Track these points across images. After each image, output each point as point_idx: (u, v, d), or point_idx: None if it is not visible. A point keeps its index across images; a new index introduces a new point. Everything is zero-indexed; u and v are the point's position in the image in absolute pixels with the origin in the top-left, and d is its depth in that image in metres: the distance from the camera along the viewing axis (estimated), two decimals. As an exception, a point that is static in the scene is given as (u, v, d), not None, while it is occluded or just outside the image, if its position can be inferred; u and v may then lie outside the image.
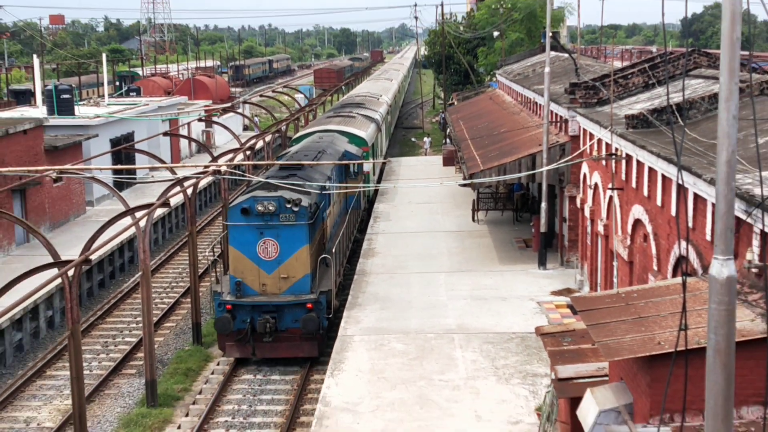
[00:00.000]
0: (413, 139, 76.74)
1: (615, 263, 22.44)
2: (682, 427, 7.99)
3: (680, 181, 12.57)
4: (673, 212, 16.98)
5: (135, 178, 41.83)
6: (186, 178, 25.64)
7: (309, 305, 23.87)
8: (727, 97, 6.75)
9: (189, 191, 26.64)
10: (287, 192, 24.10)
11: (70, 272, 16.37)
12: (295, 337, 24.23)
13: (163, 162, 32.32)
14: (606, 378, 14.39)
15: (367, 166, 40.09)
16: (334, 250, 26.82)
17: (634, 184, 20.31)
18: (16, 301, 12.37)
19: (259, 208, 23.46)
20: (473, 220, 38.42)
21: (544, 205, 30.35)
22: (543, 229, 30.33)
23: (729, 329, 6.18)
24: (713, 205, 14.61)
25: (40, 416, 22.47)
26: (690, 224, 15.86)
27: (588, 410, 12.68)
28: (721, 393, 6.20)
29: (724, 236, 6.25)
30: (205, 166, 25.25)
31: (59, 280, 25.84)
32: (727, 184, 6.46)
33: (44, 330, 28.81)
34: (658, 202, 18.01)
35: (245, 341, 24.11)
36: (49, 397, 23.61)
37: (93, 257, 29.23)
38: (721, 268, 6.21)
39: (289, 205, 23.53)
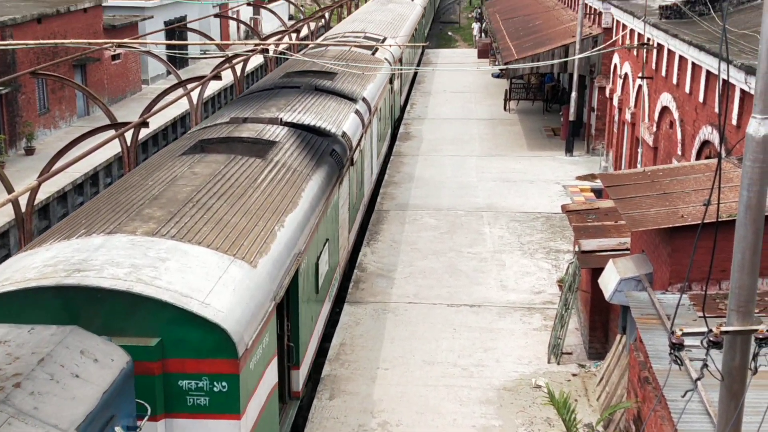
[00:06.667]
0: (449, 33, 75.22)
1: (640, 150, 22.02)
2: (706, 292, 7.87)
3: (724, 68, 12.11)
4: (701, 99, 16.49)
5: (188, 56, 41.36)
6: (236, 56, 25.23)
7: None
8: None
9: (238, 69, 26.31)
10: None
11: (128, 136, 16.32)
12: None
13: (212, 39, 31.89)
14: (627, 251, 14.28)
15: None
16: None
17: (663, 73, 19.71)
18: (76, 157, 12.38)
19: None
20: (505, 109, 37.79)
21: (574, 94, 29.72)
22: (572, 117, 29.80)
23: (761, 187, 5.98)
24: (741, 90, 14.13)
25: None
26: (716, 110, 15.40)
27: (609, 278, 12.61)
28: (749, 247, 6.08)
29: (763, 96, 5.96)
30: (255, 44, 24.80)
31: (118, 149, 25.97)
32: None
33: (103, 195, 29.10)
34: (687, 90, 17.49)
35: None
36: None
37: (148, 131, 29.28)
38: (759, 126, 5.97)
39: None
